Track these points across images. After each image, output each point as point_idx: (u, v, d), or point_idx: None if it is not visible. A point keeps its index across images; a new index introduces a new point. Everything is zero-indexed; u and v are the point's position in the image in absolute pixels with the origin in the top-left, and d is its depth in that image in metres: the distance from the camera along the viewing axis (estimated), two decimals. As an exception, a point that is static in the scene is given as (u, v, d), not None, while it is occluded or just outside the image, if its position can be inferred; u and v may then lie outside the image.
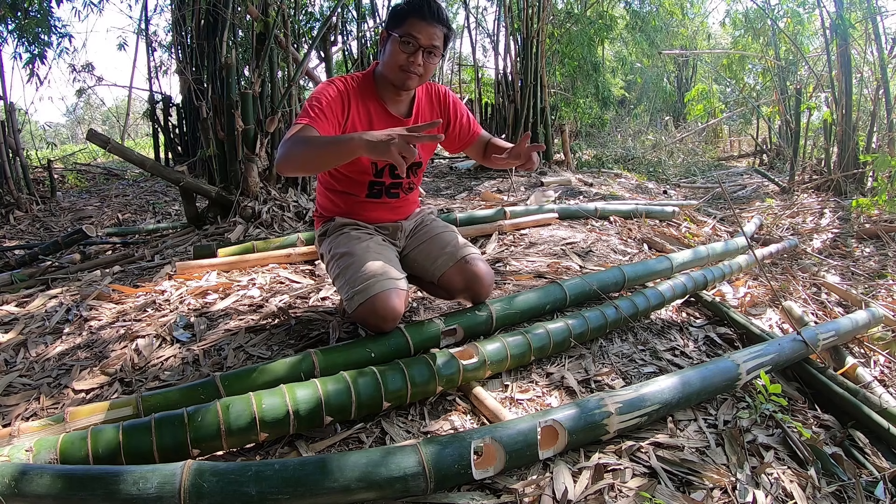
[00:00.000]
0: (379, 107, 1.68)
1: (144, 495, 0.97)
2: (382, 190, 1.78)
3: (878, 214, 4.30)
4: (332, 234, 1.78)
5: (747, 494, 1.15)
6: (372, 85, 1.69)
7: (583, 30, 7.06)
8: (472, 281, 1.74)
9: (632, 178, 6.83)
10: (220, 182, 3.69)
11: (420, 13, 1.56)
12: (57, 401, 1.55)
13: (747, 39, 8.56)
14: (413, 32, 1.56)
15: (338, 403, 1.31)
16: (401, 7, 1.59)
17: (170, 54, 7.38)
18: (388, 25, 1.61)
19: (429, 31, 1.58)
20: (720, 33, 13.76)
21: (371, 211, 1.81)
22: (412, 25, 1.56)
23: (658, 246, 3.08)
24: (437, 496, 1.12)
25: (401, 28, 1.57)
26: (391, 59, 1.60)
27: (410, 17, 1.56)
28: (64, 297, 2.32)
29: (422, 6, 1.56)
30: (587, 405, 1.28)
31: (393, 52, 1.59)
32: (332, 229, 1.79)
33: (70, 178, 6.81)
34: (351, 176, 1.75)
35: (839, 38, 5.36)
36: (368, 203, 1.79)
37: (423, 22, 1.56)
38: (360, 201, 1.79)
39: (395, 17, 1.59)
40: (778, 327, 2.24)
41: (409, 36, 1.56)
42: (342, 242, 1.71)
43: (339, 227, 1.78)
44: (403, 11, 1.57)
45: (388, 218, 1.85)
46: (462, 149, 1.91)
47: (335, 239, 1.75)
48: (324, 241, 1.81)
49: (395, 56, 1.59)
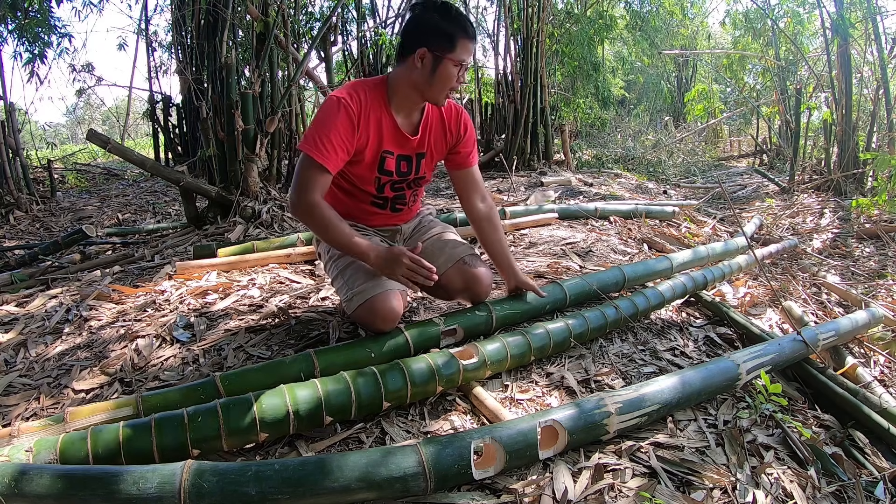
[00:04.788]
0: (390, 121, 1.62)
1: (144, 495, 0.97)
2: (386, 203, 1.77)
3: (878, 214, 4.30)
4: None
5: (747, 494, 1.15)
6: (384, 97, 1.61)
7: (583, 30, 7.05)
8: (472, 281, 1.74)
9: (632, 178, 6.83)
10: (220, 182, 3.69)
11: (467, 32, 1.52)
12: (57, 401, 1.55)
13: (747, 39, 8.56)
14: (465, 56, 1.53)
15: (338, 403, 1.31)
16: (446, 27, 1.51)
17: (170, 54, 7.37)
18: (435, 46, 1.51)
19: (472, 49, 1.56)
20: (720, 33, 13.76)
21: (373, 217, 1.80)
22: (464, 47, 1.52)
23: (658, 246, 3.08)
24: (437, 496, 1.12)
25: (455, 52, 1.51)
26: (447, 82, 1.54)
27: (461, 39, 1.51)
28: (64, 297, 2.32)
29: (465, 24, 1.53)
30: (587, 405, 1.28)
31: (450, 75, 1.53)
32: None
33: (70, 178, 6.80)
34: (354, 193, 1.73)
35: (839, 38, 5.36)
36: (370, 208, 1.78)
37: (471, 42, 1.54)
38: (363, 206, 1.77)
39: (445, 38, 1.51)
40: (778, 327, 2.24)
41: (462, 61, 1.53)
42: None
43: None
44: (452, 32, 1.51)
45: (388, 223, 1.84)
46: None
47: None
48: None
49: (450, 79, 1.54)
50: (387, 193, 1.74)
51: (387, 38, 6.88)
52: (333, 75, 6.49)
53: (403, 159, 1.69)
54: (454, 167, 1.81)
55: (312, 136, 1.52)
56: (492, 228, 1.82)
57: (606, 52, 10.32)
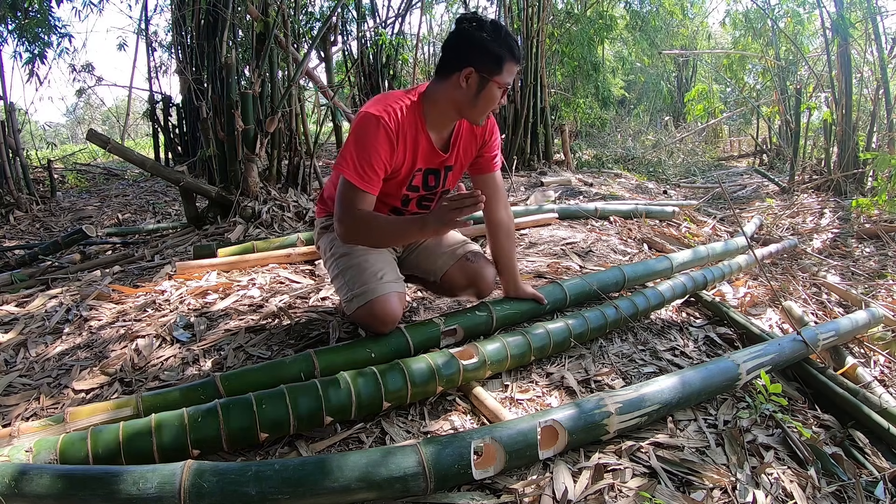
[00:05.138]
0: (425, 139, 1.58)
1: (145, 495, 0.97)
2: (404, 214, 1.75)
3: (878, 214, 4.29)
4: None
5: (747, 494, 1.15)
6: (420, 113, 1.56)
7: (583, 30, 7.05)
8: (476, 277, 1.74)
9: (632, 178, 6.83)
10: (220, 182, 3.69)
11: (514, 55, 1.48)
12: (57, 401, 1.55)
13: (747, 39, 8.55)
14: (509, 78, 1.49)
15: (338, 403, 1.31)
16: (495, 48, 1.46)
17: (170, 54, 7.37)
18: (483, 68, 1.47)
19: (516, 70, 1.52)
20: (720, 33, 13.75)
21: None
22: (510, 70, 1.49)
23: (658, 246, 3.08)
24: (437, 496, 1.12)
25: (501, 74, 1.47)
26: (490, 104, 1.51)
27: (508, 61, 1.47)
28: (64, 297, 2.32)
29: (513, 46, 1.49)
30: (587, 405, 1.28)
31: (494, 97, 1.50)
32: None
33: (70, 178, 6.80)
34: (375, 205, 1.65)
35: (839, 38, 5.36)
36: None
37: (517, 65, 1.50)
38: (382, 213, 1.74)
39: (493, 60, 1.46)
40: (778, 327, 2.24)
41: (507, 84, 1.50)
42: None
43: None
44: (501, 54, 1.46)
45: None
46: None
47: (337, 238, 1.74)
48: (324, 235, 1.79)
49: (494, 102, 1.51)
50: (411, 209, 1.72)
51: (387, 38, 6.88)
52: (333, 75, 6.49)
53: (431, 173, 1.65)
54: (477, 171, 1.76)
55: (353, 162, 1.47)
56: (508, 240, 1.79)
57: (606, 52, 10.31)
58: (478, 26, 1.47)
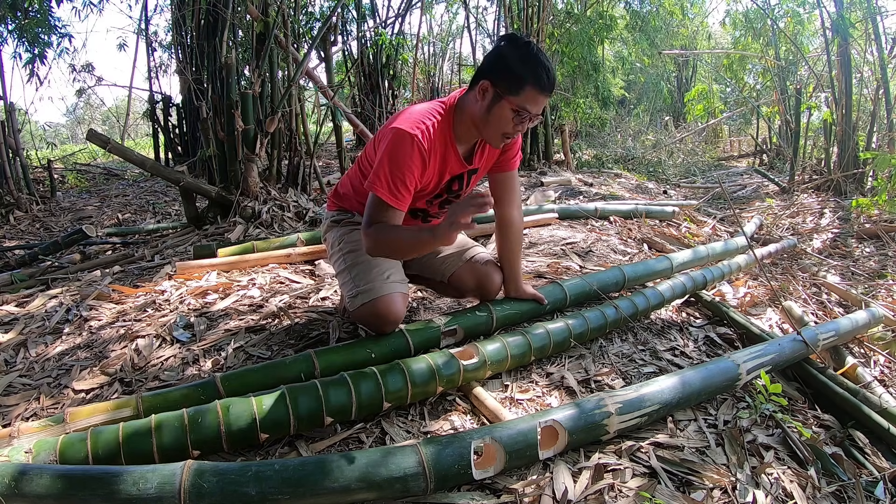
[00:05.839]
0: (453, 152, 1.56)
1: (144, 495, 0.97)
2: (425, 217, 1.77)
3: (878, 214, 4.29)
4: (346, 227, 1.76)
5: (747, 494, 1.15)
6: (450, 125, 1.54)
7: (583, 30, 7.04)
8: (484, 280, 1.76)
9: (632, 178, 6.83)
10: (220, 182, 3.69)
11: (540, 84, 1.42)
12: (57, 401, 1.55)
13: (747, 39, 8.55)
14: (528, 106, 1.43)
15: (338, 404, 1.31)
16: (518, 68, 1.41)
17: (170, 54, 7.37)
18: (499, 84, 1.43)
19: (543, 101, 1.46)
20: (720, 33, 13.74)
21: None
22: (530, 98, 1.43)
23: (658, 246, 3.08)
24: (437, 496, 1.12)
25: (518, 97, 1.42)
26: (499, 124, 1.47)
27: (529, 87, 1.41)
28: (64, 297, 2.32)
29: (541, 75, 1.41)
30: (587, 405, 1.28)
31: (503, 118, 1.45)
32: (347, 222, 1.77)
33: (70, 178, 6.80)
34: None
35: (839, 38, 5.36)
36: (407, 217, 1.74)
37: (540, 93, 1.43)
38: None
39: (511, 80, 1.42)
40: (778, 327, 2.24)
41: (524, 109, 1.44)
42: (354, 239, 1.69)
43: (356, 223, 1.75)
44: (522, 77, 1.41)
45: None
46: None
47: (348, 234, 1.73)
48: (334, 228, 1.79)
49: (504, 123, 1.46)
50: (432, 210, 1.73)
51: (386, 38, 6.88)
52: (333, 75, 6.48)
53: (455, 179, 1.65)
54: (495, 170, 1.74)
55: (387, 181, 1.45)
56: (516, 240, 1.79)
57: (606, 52, 10.30)
58: (510, 44, 1.45)
